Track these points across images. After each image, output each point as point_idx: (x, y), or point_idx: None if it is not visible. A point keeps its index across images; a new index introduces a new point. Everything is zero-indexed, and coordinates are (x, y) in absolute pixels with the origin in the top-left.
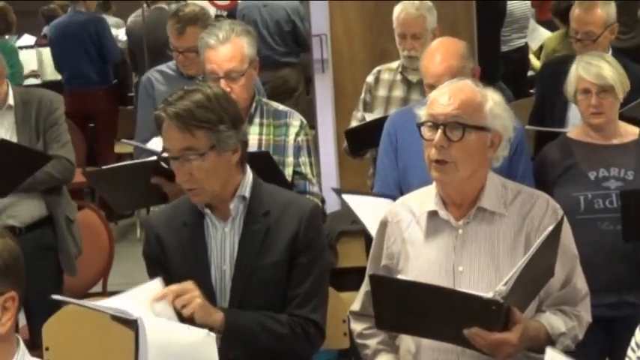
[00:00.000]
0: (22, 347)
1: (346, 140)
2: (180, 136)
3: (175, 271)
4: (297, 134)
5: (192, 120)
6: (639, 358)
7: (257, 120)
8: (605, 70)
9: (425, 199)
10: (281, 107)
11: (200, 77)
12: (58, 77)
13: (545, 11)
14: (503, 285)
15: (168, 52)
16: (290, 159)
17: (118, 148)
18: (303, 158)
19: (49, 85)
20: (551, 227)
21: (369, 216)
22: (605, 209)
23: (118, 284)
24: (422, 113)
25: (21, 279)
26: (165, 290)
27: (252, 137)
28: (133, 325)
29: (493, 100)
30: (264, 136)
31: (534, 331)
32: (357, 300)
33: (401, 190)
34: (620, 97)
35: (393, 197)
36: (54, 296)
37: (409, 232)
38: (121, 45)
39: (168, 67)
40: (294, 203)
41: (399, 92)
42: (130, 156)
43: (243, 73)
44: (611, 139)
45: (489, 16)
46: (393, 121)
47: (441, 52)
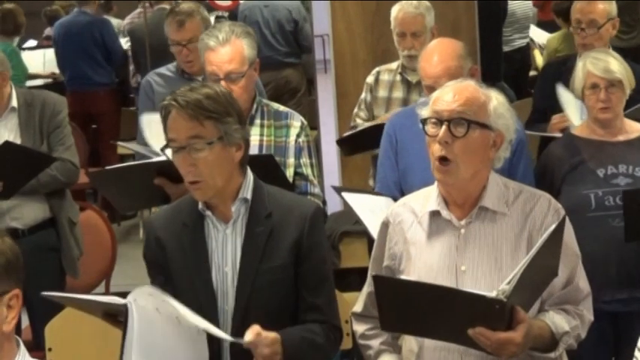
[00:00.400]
0: (23, 348)
1: (338, 146)
2: (188, 124)
3: (176, 272)
4: (298, 135)
5: (202, 109)
6: None
7: (258, 121)
8: (613, 64)
9: (426, 199)
10: (281, 108)
11: (200, 78)
12: (59, 78)
13: (547, 11)
14: (506, 284)
15: (171, 50)
16: (291, 160)
17: (120, 150)
18: (304, 159)
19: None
20: (554, 225)
21: (368, 214)
22: (615, 206)
23: (121, 285)
24: (424, 112)
25: (21, 277)
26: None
27: (253, 138)
28: (122, 309)
29: (497, 99)
30: (265, 137)
31: (538, 329)
32: (359, 301)
33: (401, 191)
34: (627, 93)
35: (393, 198)
36: (45, 294)
37: (411, 232)
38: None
39: (168, 69)
40: (297, 205)
41: (399, 93)
42: (133, 157)
43: (243, 74)
44: (617, 136)
45: (491, 16)
46: (392, 122)
47: (438, 53)
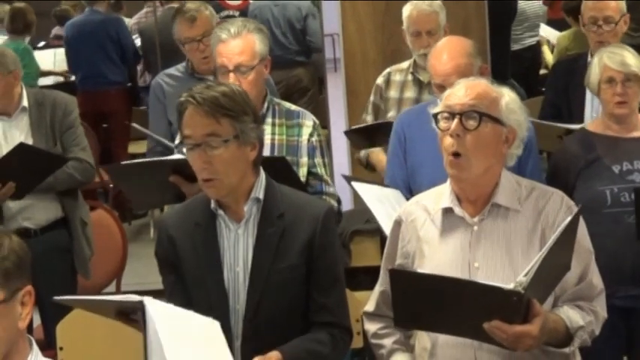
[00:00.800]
0: (35, 348)
1: (347, 137)
2: (205, 121)
3: (187, 271)
4: (311, 135)
5: (219, 107)
6: None
7: (269, 120)
8: (629, 58)
9: (439, 196)
10: (293, 107)
11: (211, 78)
12: (70, 78)
13: (556, 10)
14: (523, 276)
15: (184, 50)
16: (304, 159)
17: (131, 149)
18: (318, 159)
19: (60, 86)
20: (569, 218)
21: (376, 203)
22: (631, 202)
23: (132, 284)
24: (436, 108)
25: (30, 272)
26: None
27: (265, 137)
28: (137, 306)
29: (509, 96)
30: (277, 136)
31: (553, 323)
32: (370, 300)
33: (409, 189)
34: None
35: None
36: (56, 298)
37: (424, 230)
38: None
39: (177, 69)
40: (309, 205)
41: (410, 93)
42: (143, 156)
43: (252, 67)
44: (632, 132)
45: (500, 14)
46: (401, 120)
47: (448, 51)
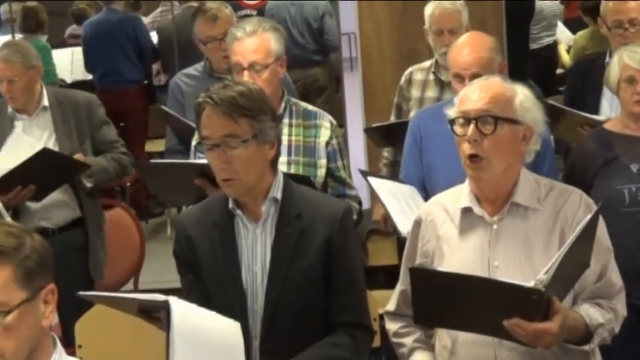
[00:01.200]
0: (59, 346)
1: (366, 135)
2: (223, 122)
3: (206, 271)
4: (330, 138)
5: (236, 107)
6: None
7: (286, 120)
8: None
9: (458, 196)
10: (310, 107)
11: (229, 77)
12: (88, 77)
13: (572, 9)
14: (543, 274)
15: (205, 49)
16: (322, 160)
17: (149, 147)
18: (339, 162)
19: (79, 84)
20: (589, 216)
21: (391, 199)
22: None
23: (149, 282)
24: (451, 112)
25: (52, 270)
26: None
27: (282, 138)
28: (163, 307)
29: (523, 93)
30: (294, 137)
31: (573, 321)
32: (391, 300)
33: (424, 189)
34: None
35: None
36: (80, 293)
37: (443, 229)
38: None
39: (195, 69)
40: (327, 205)
41: (432, 92)
42: (160, 155)
43: (266, 66)
44: None
45: (518, 13)
46: (417, 120)
47: (470, 45)
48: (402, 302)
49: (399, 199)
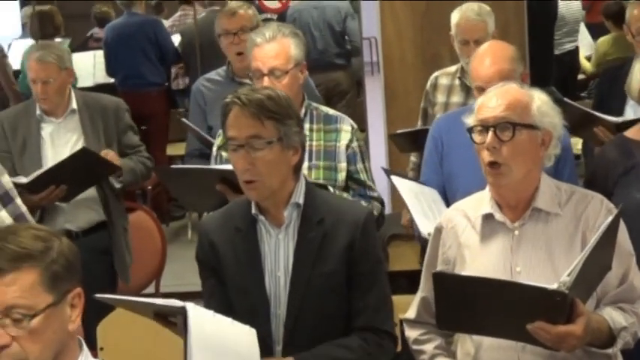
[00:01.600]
0: (85, 349)
1: (392, 141)
2: (250, 122)
3: (229, 276)
4: (350, 141)
5: (264, 109)
6: None
7: (307, 125)
8: None
9: (479, 203)
10: (331, 112)
11: (251, 83)
12: (109, 80)
13: (594, 14)
14: (567, 276)
15: (223, 46)
16: (343, 164)
17: (169, 150)
18: (360, 165)
19: (102, 88)
20: (610, 218)
21: (413, 199)
22: None
23: (170, 285)
24: (469, 120)
25: (80, 274)
26: None
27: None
28: (180, 313)
29: (540, 99)
30: (315, 142)
31: (596, 324)
32: (411, 307)
33: (445, 195)
34: None
35: None
36: (97, 296)
37: (465, 236)
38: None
39: (218, 73)
40: (349, 210)
41: (457, 98)
42: (181, 158)
43: (287, 71)
44: None
45: (541, 18)
46: (438, 126)
47: (491, 56)
48: (422, 309)
49: (420, 201)
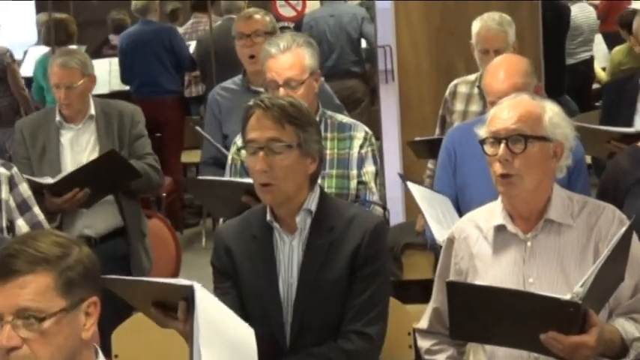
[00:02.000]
0: (101, 357)
1: (410, 148)
2: (271, 125)
3: (243, 282)
4: (361, 146)
5: (286, 113)
6: None
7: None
8: None
9: (491, 214)
10: (345, 120)
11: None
12: (125, 87)
13: (609, 23)
14: (580, 286)
15: (238, 50)
16: (354, 172)
17: (184, 158)
18: (366, 167)
19: (117, 95)
20: (623, 229)
21: (426, 205)
22: None
23: None
24: (481, 132)
25: (99, 284)
26: None
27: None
28: (187, 291)
29: (552, 110)
30: (328, 151)
31: (609, 334)
32: (424, 318)
33: (457, 206)
34: None
35: None
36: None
37: (477, 247)
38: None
39: (234, 82)
40: (359, 218)
41: (476, 107)
42: (196, 165)
43: (302, 82)
44: None
45: (553, 28)
46: (452, 137)
47: (505, 70)
48: (434, 320)
49: (435, 207)
